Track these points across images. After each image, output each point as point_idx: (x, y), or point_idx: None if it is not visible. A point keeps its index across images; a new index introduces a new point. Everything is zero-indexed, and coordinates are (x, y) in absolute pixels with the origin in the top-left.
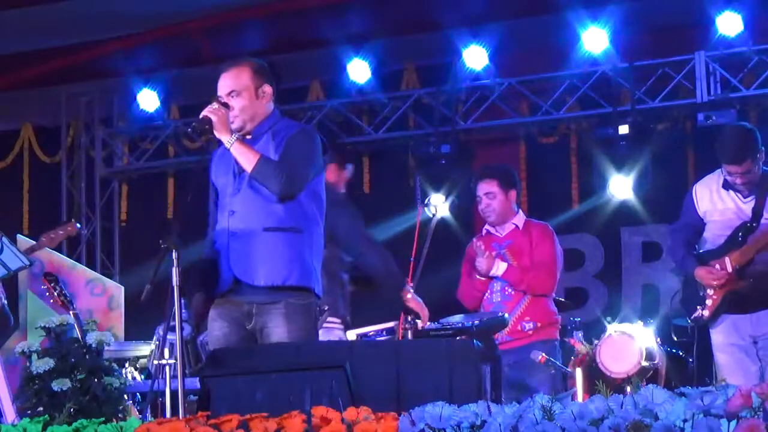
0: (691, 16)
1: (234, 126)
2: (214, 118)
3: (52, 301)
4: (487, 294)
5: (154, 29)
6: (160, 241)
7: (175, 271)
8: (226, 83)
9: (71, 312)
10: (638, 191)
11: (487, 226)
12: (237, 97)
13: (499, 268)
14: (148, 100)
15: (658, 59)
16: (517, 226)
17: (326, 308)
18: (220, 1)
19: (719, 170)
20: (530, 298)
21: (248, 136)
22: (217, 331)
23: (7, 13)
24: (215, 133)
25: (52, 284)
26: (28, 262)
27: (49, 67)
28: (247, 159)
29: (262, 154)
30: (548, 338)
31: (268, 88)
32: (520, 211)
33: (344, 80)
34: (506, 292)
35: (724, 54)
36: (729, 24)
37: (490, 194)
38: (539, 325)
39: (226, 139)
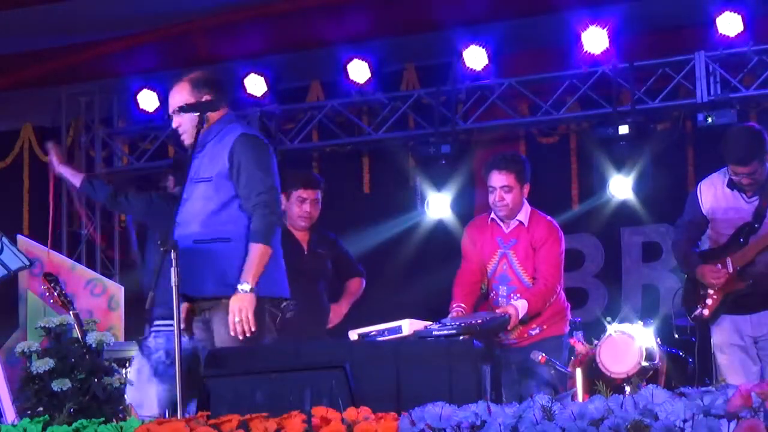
0: (691, 16)
1: (186, 143)
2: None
3: (52, 301)
4: (492, 295)
5: (154, 29)
6: (159, 243)
7: (174, 272)
8: (171, 101)
9: (71, 312)
10: (638, 191)
11: (493, 215)
12: (178, 114)
13: (520, 309)
14: (148, 100)
15: (658, 59)
16: (521, 223)
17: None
18: (220, 1)
19: (725, 169)
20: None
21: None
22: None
23: (7, 13)
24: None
25: (52, 284)
26: (28, 262)
27: (49, 67)
28: (263, 256)
29: (252, 246)
30: (556, 334)
31: (208, 98)
32: (525, 201)
33: (344, 80)
34: (512, 299)
35: (724, 54)
36: (729, 24)
37: (505, 187)
38: (545, 327)
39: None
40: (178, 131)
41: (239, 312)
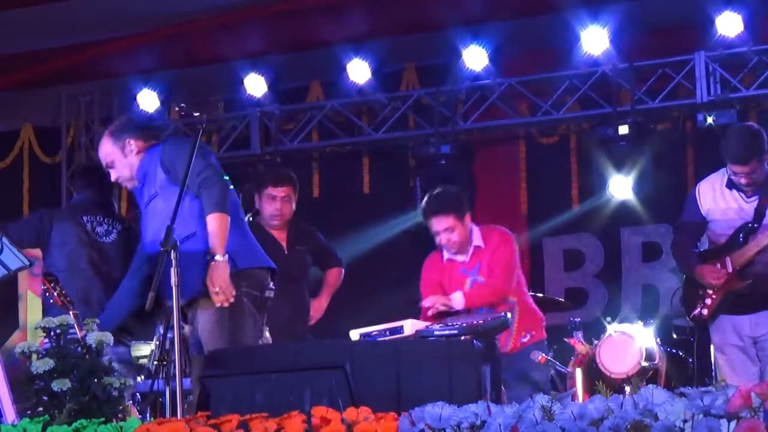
0: (691, 16)
1: (129, 186)
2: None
3: (52, 301)
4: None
5: (154, 29)
6: (159, 243)
7: (173, 272)
8: (101, 155)
9: (71, 312)
10: (638, 191)
11: (448, 254)
12: (112, 168)
13: (456, 301)
14: (148, 100)
15: (658, 59)
16: (478, 246)
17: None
18: (220, 1)
19: (723, 169)
20: (519, 311)
21: (136, 184)
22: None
23: (7, 13)
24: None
25: (52, 284)
26: (27, 262)
27: (49, 67)
28: (223, 237)
29: (214, 238)
30: (540, 339)
31: (131, 142)
32: (473, 226)
33: (344, 80)
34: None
35: (724, 54)
36: (729, 24)
37: (448, 229)
38: (533, 333)
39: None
40: (119, 182)
41: (217, 281)
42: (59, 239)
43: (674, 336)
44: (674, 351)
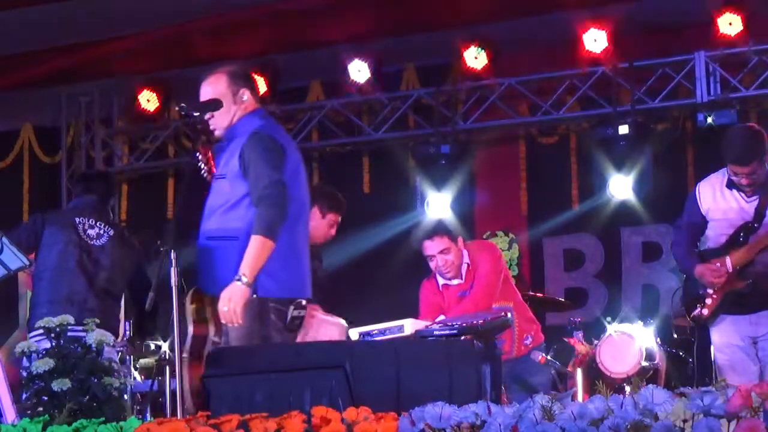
0: (691, 16)
1: (216, 134)
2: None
3: None
4: None
5: (154, 29)
6: (159, 243)
7: (173, 271)
8: (205, 91)
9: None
10: (638, 191)
11: (442, 280)
12: (215, 110)
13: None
14: (148, 100)
15: (658, 59)
16: (468, 265)
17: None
18: (220, 1)
19: (724, 169)
20: (517, 316)
21: (222, 140)
22: None
23: (7, 13)
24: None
25: None
26: (27, 262)
27: (49, 67)
28: (261, 253)
29: (254, 238)
30: (539, 343)
31: (246, 92)
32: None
33: (344, 80)
34: None
35: (724, 54)
36: (729, 24)
37: (444, 251)
38: (532, 335)
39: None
40: (209, 122)
41: (228, 302)
42: (50, 239)
43: (674, 336)
44: (674, 351)
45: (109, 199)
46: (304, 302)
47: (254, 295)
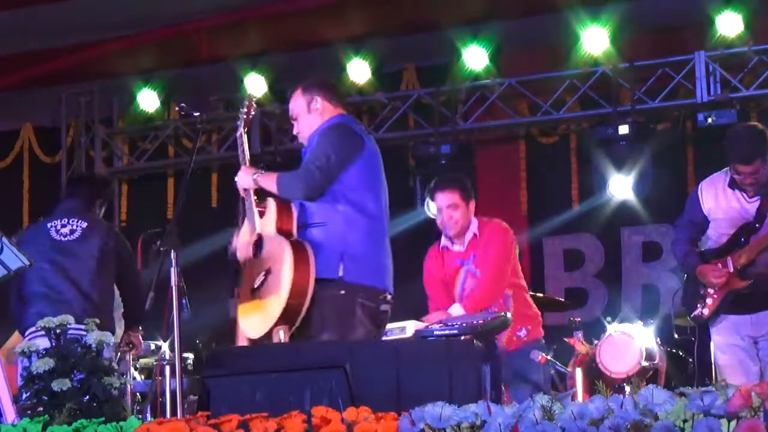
0: (691, 16)
1: (300, 140)
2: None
3: None
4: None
5: (154, 29)
6: (158, 243)
7: (173, 271)
8: (289, 108)
9: None
10: (638, 191)
11: (444, 241)
12: (296, 121)
13: (455, 310)
14: (148, 100)
15: (658, 59)
16: (475, 234)
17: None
18: (220, 1)
19: (726, 169)
20: (514, 305)
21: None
22: None
23: (7, 13)
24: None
25: None
26: (27, 262)
27: (49, 67)
28: (269, 186)
29: (279, 173)
30: (537, 338)
31: (318, 99)
32: (473, 218)
33: (344, 80)
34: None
35: (724, 54)
36: (729, 24)
37: (452, 206)
38: (530, 328)
39: (250, 179)
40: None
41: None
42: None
43: (674, 336)
44: (674, 351)
45: (95, 201)
46: (389, 297)
47: (341, 291)
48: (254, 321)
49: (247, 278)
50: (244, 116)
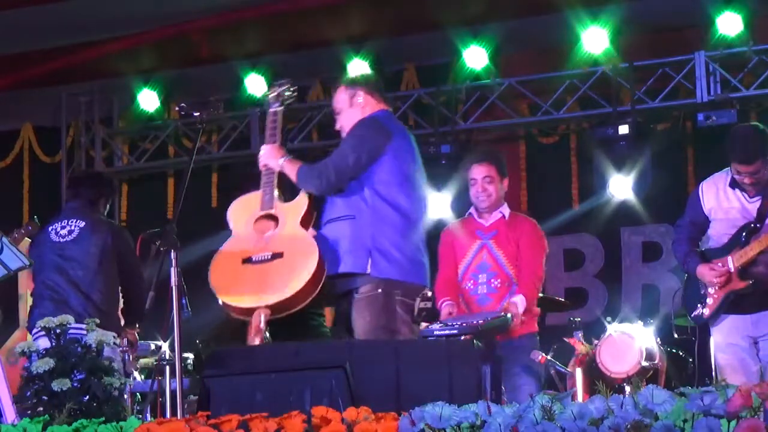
0: (691, 16)
1: (343, 135)
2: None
3: None
4: (470, 285)
5: (154, 29)
6: (158, 243)
7: (173, 271)
8: (334, 102)
9: None
10: (638, 191)
11: (472, 211)
12: (339, 115)
13: (519, 304)
14: (148, 100)
15: (658, 59)
16: (503, 215)
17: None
18: (220, 1)
19: (727, 169)
20: (516, 292)
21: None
22: None
23: (8, 13)
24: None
25: None
26: (27, 262)
27: (49, 67)
28: (290, 173)
29: (301, 164)
30: (530, 331)
31: (360, 94)
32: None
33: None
34: (492, 285)
35: (724, 54)
36: (729, 24)
37: (487, 178)
38: (524, 318)
39: (277, 162)
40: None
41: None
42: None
43: (674, 336)
44: (674, 351)
45: (98, 200)
46: (430, 293)
47: (378, 290)
48: (238, 289)
49: (241, 243)
50: (285, 98)
